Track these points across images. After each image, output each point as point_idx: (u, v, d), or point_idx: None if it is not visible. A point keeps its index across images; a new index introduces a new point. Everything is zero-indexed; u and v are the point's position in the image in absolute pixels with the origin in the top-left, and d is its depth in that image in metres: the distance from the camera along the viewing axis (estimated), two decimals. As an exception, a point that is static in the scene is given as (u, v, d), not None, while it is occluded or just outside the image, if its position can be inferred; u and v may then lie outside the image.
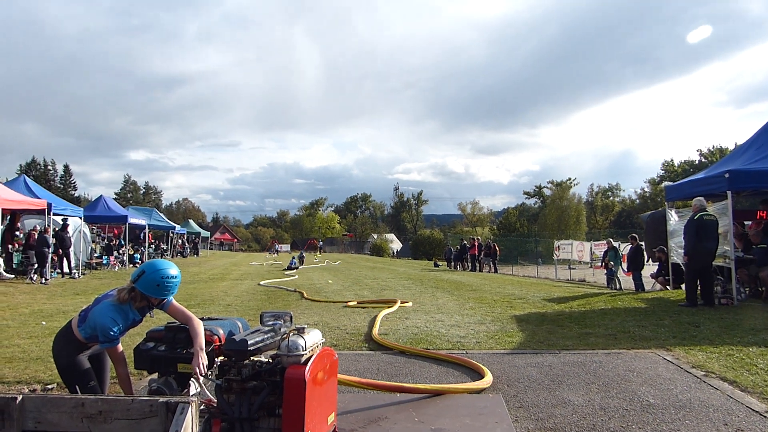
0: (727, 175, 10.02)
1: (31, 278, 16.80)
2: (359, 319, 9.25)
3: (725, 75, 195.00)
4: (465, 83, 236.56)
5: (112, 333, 3.53)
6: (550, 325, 8.48)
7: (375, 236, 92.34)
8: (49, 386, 5.49)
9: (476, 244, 30.94)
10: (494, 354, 6.65)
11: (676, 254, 12.37)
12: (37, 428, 2.36)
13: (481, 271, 29.06)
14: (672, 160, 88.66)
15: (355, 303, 11.60)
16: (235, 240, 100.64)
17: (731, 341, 6.91)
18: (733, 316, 8.72)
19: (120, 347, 3.65)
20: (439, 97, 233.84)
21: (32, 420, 2.36)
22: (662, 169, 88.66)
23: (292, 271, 25.68)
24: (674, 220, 12.68)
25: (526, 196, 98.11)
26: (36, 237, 17.11)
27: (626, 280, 17.70)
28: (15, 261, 18.21)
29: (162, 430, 2.26)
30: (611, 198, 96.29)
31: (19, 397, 2.36)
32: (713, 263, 10.13)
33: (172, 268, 3.65)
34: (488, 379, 5.33)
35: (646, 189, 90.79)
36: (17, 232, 19.68)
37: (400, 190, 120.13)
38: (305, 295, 13.58)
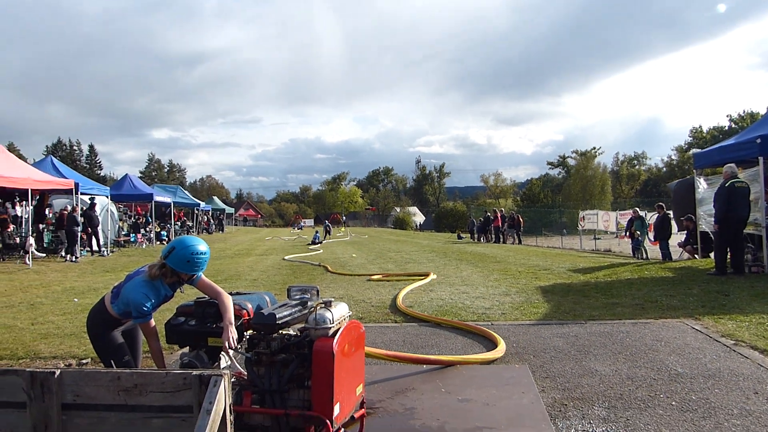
0: (758, 141, 9.73)
1: (63, 256, 17.24)
2: (384, 292, 9.31)
3: (759, 35, 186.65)
4: (487, 53, 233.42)
5: (145, 308, 3.61)
6: (575, 296, 8.44)
7: (397, 209, 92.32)
8: (84, 361, 5.65)
9: (499, 215, 30.67)
10: (520, 325, 6.65)
11: (705, 222, 12.15)
12: (76, 401, 2.43)
13: (504, 242, 28.89)
14: (700, 127, 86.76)
15: (379, 276, 11.66)
16: (259, 216, 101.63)
17: (762, 310, 6.79)
18: (763, 285, 8.56)
19: (152, 322, 3.73)
20: (461, 68, 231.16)
21: (71, 393, 2.42)
22: (690, 136, 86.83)
23: (317, 246, 25.87)
24: (703, 187, 12.42)
25: (549, 166, 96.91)
26: (66, 217, 17.50)
27: (653, 250, 17.46)
28: (46, 240, 18.67)
29: (196, 402, 2.30)
30: (637, 167, 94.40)
31: (58, 372, 2.42)
32: (744, 231, 9.93)
33: (201, 245, 3.70)
34: (501, 348, 5.35)
35: (673, 157, 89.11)
36: (47, 211, 20.11)
37: (422, 162, 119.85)
38: (330, 269, 13.69)
